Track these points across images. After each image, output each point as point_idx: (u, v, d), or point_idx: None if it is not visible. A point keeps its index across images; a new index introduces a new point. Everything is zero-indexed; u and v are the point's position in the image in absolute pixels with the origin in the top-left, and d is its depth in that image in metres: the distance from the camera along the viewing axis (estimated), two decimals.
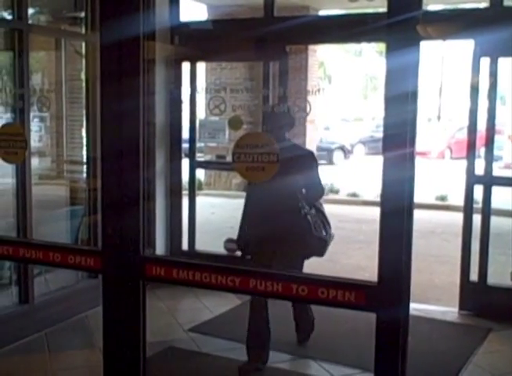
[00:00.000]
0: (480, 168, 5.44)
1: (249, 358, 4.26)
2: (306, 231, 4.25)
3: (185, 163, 6.52)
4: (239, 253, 6.02)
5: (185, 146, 6.68)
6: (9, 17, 5.12)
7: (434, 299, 6.01)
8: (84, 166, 6.13)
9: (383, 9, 2.13)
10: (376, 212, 2.16)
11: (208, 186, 12.35)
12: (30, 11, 5.71)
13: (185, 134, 6.55)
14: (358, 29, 4.94)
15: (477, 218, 5.46)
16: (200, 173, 9.84)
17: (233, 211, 9.26)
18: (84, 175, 6.03)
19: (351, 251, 8.05)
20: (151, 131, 6.08)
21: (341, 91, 29.52)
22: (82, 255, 2.65)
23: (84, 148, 5.56)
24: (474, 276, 5.49)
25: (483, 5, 5.97)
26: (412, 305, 2.29)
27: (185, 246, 6.48)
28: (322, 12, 12.10)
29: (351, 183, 13.80)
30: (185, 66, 6.36)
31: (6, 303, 4.95)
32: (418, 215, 2.34)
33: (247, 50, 5.86)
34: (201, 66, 7.34)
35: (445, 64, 30.24)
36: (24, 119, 4.84)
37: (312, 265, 4.31)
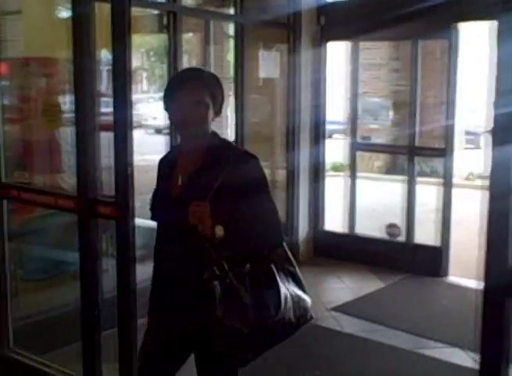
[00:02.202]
0: None
1: None
2: (203, 311, 2.15)
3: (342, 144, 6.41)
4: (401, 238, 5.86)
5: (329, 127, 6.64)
6: (163, 0, 5.26)
7: None
8: None
9: None
10: None
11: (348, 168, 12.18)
12: None
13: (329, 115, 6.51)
14: None
15: None
16: (336, 154, 9.69)
17: (375, 194, 9.12)
18: None
19: None
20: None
21: (489, 71, 28.04)
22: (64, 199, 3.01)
23: (233, 128, 5.66)
24: None
25: None
26: None
27: (329, 227, 6.48)
28: None
29: None
30: (330, 46, 6.31)
31: (110, 287, 5.01)
32: None
33: (397, 28, 5.70)
34: (341, 47, 7.16)
35: None
36: None
37: None
